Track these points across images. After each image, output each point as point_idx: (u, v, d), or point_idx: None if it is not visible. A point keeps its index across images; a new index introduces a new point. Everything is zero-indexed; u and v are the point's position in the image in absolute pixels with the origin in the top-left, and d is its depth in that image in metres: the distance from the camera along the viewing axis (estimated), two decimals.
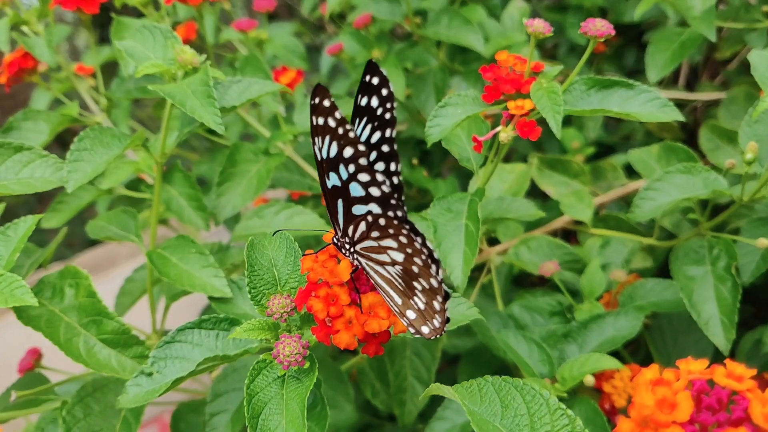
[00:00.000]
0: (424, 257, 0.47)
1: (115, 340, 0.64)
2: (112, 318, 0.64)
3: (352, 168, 0.47)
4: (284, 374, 0.52)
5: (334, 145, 0.47)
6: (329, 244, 0.52)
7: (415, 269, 0.48)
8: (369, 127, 0.52)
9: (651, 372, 0.41)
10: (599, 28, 0.62)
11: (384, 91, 0.51)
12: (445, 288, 0.49)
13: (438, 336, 0.50)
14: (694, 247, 0.79)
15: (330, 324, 0.49)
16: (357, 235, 0.49)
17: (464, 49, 1.13)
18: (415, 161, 1.26)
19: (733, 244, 0.77)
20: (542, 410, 0.46)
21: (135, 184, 0.99)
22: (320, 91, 0.46)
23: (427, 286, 0.48)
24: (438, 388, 0.49)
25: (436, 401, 0.71)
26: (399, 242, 0.47)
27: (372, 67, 0.51)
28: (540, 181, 1.02)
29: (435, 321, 0.49)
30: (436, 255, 0.47)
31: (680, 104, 0.73)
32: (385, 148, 0.52)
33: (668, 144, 0.91)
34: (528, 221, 0.89)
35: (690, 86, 1.35)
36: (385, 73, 0.51)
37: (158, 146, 0.73)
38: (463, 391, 0.49)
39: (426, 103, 1.10)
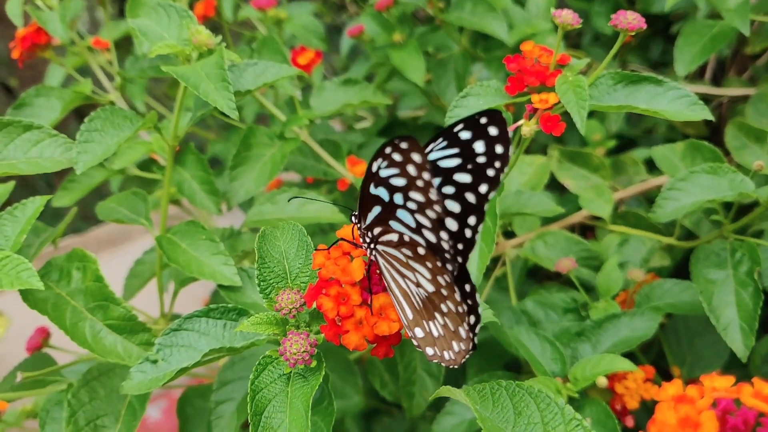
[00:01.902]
0: (456, 307, 0.46)
1: (122, 326, 0.63)
2: (118, 304, 0.63)
3: (413, 206, 0.44)
4: (290, 372, 0.51)
5: (402, 179, 0.43)
6: (340, 239, 0.51)
7: (443, 307, 0.46)
8: (456, 160, 0.46)
9: (673, 387, 0.39)
10: (630, 21, 0.59)
11: (499, 149, 0.45)
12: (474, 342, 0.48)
13: (454, 366, 0.48)
14: (716, 250, 0.77)
15: (340, 324, 0.48)
16: (382, 237, 0.47)
17: (487, 35, 1.11)
18: None
19: (756, 248, 0.74)
20: (557, 419, 0.45)
21: (148, 164, 0.98)
22: (413, 144, 0.41)
23: (451, 328, 0.47)
24: (448, 391, 0.47)
25: None
26: (430, 270, 0.46)
27: (494, 116, 0.44)
28: (559, 174, 1.00)
29: (450, 353, 0.48)
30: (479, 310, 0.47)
31: (706, 99, 0.70)
32: (470, 197, 0.46)
33: (694, 142, 0.88)
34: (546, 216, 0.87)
35: (716, 81, 1.31)
36: (510, 134, 0.45)
37: (170, 128, 0.72)
38: (475, 395, 0.48)
39: (446, 89, 1.08)
